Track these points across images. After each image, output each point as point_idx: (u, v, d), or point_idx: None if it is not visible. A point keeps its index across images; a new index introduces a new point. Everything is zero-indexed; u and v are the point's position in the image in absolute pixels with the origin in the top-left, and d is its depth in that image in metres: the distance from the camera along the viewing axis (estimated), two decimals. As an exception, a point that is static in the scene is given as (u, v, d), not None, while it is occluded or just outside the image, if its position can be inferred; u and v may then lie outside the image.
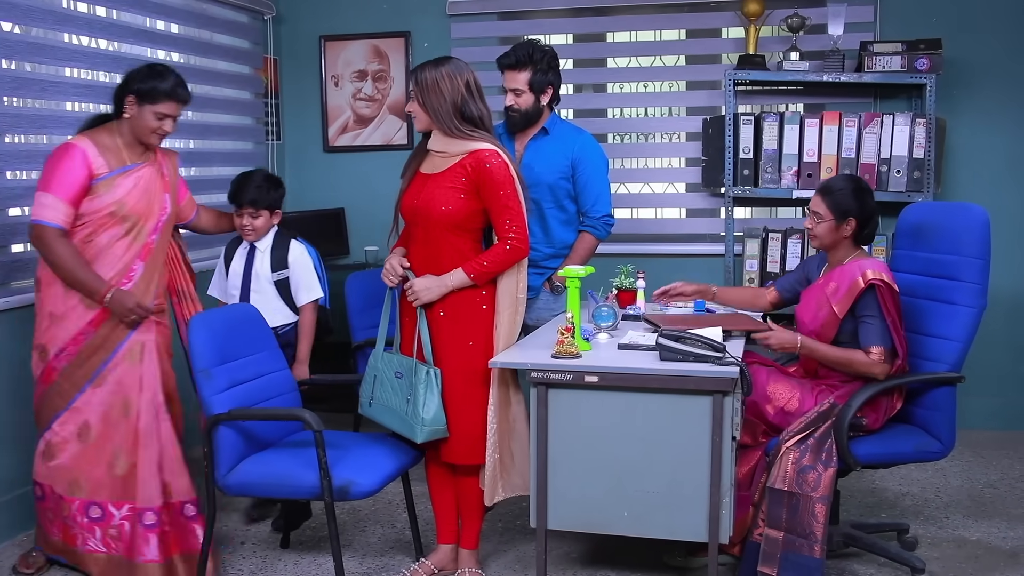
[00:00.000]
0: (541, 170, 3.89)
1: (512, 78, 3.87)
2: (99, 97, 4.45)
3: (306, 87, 5.89)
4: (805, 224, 3.53)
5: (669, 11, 5.47)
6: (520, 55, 3.85)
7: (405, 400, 3.32)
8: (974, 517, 4.08)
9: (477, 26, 5.64)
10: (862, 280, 3.29)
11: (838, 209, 3.41)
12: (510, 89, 3.89)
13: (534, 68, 3.85)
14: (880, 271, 3.31)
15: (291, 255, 3.98)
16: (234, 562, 3.72)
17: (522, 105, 3.89)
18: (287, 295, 3.99)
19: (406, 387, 3.32)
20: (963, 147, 5.18)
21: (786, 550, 3.17)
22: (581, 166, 3.96)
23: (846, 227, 3.42)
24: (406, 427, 3.32)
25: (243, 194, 3.93)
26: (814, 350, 3.38)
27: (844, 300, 3.33)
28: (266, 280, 3.96)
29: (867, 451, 3.31)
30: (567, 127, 4.07)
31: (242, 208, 3.93)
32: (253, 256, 3.98)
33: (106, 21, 4.48)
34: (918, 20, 5.14)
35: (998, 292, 4.82)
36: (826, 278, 3.48)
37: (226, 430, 3.23)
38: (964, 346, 3.35)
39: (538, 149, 3.96)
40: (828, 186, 3.49)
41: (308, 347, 4.01)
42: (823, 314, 3.39)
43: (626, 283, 3.98)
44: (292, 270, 3.98)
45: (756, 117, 4.99)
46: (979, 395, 5.12)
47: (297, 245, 4.03)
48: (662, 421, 3.07)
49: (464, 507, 3.50)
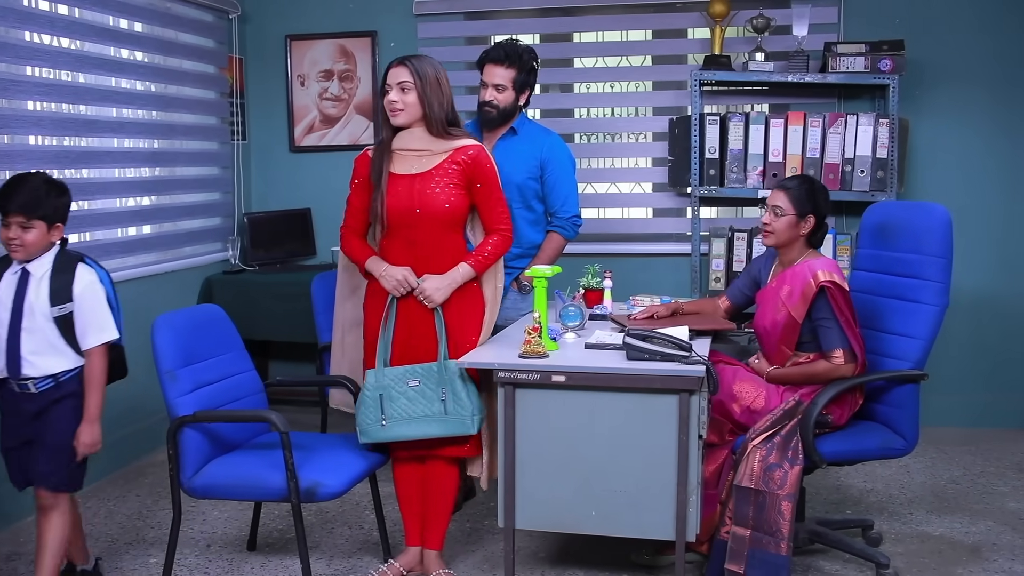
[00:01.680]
0: (510, 170, 3.86)
1: (497, 73, 3.87)
2: (61, 97, 4.41)
3: (272, 87, 5.86)
4: (762, 220, 3.50)
5: (635, 11, 5.48)
6: (509, 51, 3.87)
7: (440, 401, 3.30)
8: (937, 513, 4.12)
9: (444, 26, 5.63)
10: (814, 282, 3.31)
11: (800, 205, 3.42)
12: (492, 84, 3.88)
13: (520, 67, 3.87)
14: (830, 271, 3.32)
15: (77, 285, 3.10)
16: (200, 565, 3.70)
17: (502, 102, 3.89)
18: (70, 334, 3.11)
19: (434, 389, 3.30)
20: (926, 147, 5.23)
21: (753, 547, 3.18)
22: (550, 167, 3.98)
23: (805, 224, 3.44)
24: (451, 426, 3.31)
25: (11, 198, 3.04)
26: (781, 378, 3.43)
27: (800, 304, 3.34)
28: (43, 316, 3.06)
29: (832, 448, 3.34)
30: (535, 127, 4.08)
31: (8, 216, 3.03)
32: (26, 284, 3.07)
33: (68, 19, 4.43)
34: (881, 21, 5.19)
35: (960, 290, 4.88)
36: (778, 280, 3.47)
37: (191, 432, 3.20)
38: (927, 344, 3.38)
39: (507, 149, 3.95)
40: (788, 183, 3.52)
41: (99, 401, 3.17)
42: (781, 319, 3.40)
43: (593, 283, 3.98)
44: (78, 304, 3.10)
45: (722, 117, 5.01)
46: (942, 392, 5.18)
47: (85, 272, 3.15)
48: (629, 420, 3.08)
49: (434, 507, 3.48)
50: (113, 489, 4.51)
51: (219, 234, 5.65)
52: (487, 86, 3.90)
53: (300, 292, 4.69)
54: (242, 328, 3.82)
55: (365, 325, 3.47)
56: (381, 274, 3.34)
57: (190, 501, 4.08)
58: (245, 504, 4.10)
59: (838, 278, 3.31)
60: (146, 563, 3.71)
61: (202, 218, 5.53)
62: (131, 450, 4.84)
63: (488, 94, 3.90)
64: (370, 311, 3.44)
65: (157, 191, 5.12)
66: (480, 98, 3.93)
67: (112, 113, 4.79)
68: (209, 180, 5.59)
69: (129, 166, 4.93)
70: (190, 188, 5.40)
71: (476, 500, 4.26)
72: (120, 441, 4.75)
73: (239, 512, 4.15)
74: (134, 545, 3.88)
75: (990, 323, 5.28)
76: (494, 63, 3.88)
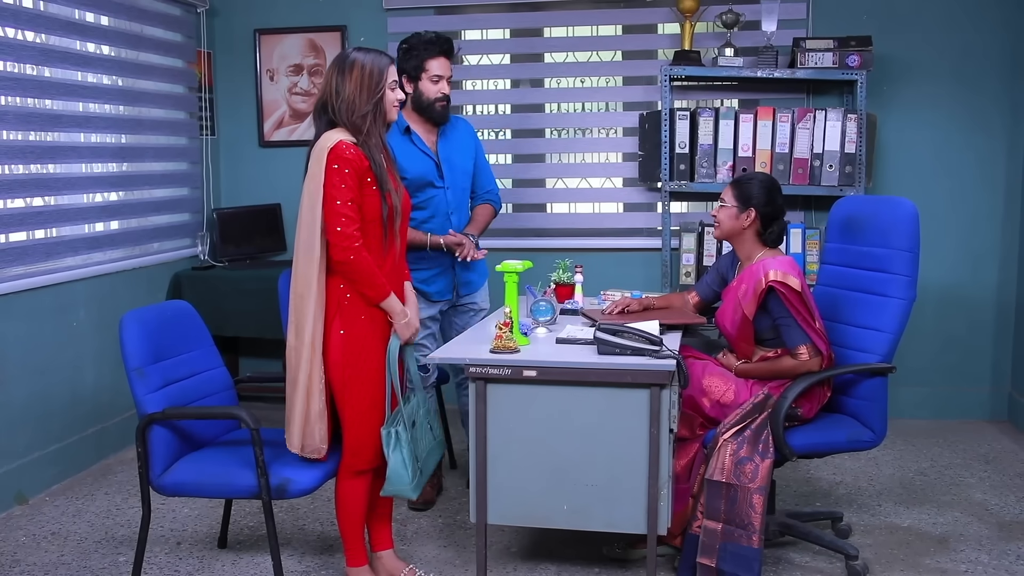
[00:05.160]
0: (460, 159, 4.07)
1: (448, 66, 3.95)
2: (26, 91, 4.36)
3: (241, 81, 5.82)
4: (711, 212, 3.60)
5: (605, 7, 5.50)
6: (451, 43, 3.96)
7: (430, 429, 3.33)
8: (905, 504, 4.16)
9: (414, 20, 5.60)
10: (764, 280, 3.33)
11: (741, 197, 3.48)
12: (446, 77, 3.94)
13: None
14: (782, 270, 3.33)
15: None
16: (171, 563, 3.67)
17: (449, 95, 4.00)
18: None
19: (423, 421, 3.30)
20: (893, 142, 5.28)
21: (725, 540, 3.20)
22: (479, 151, 4.23)
23: (745, 217, 3.47)
24: (440, 447, 3.39)
25: None
26: (748, 372, 3.47)
27: (752, 301, 3.37)
28: None
29: (802, 441, 3.36)
30: (455, 116, 4.22)
31: None
32: None
33: (32, 12, 4.37)
34: (849, 18, 5.24)
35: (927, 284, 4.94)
36: (739, 279, 3.52)
37: (160, 430, 3.17)
38: (895, 337, 3.41)
39: (450, 140, 4.09)
40: (739, 178, 3.60)
41: None
42: (738, 317, 3.44)
43: (564, 278, 3.99)
44: None
45: (692, 112, 5.03)
46: (910, 385, 5.24)
47: None
48: (600, 415, 3.09)
49: (382, 506, 3.43)
50: (82, 487, 4.47)
51: (188, 230, 5.60)
52: (441, 79, 3.94)
53: (270, 288, 4.65)
54: (211, 324, 3.80)
55: (367, 371, 3.16)
56: (405, 323, 3.16)
57: (160, 499, 4.07)
58: (215, 501, 4.08)
59: (791, 277, 3.32)
60: (115, 562, 3.68)
61: (171, 214, 5.48)
62: (100, 448, 4.80)
63: (444, 87, 3.95)
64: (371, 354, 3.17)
65: (125, 186, 5.07)
66: (434, 95, 3.94)
67: (79, 108, 4.73)
68: (178, 175, 5.54)
69: (96, 161, 4.89)
70: (158, 183, 5.35)
71: (448, 496, 4.25)
72: (88, 439, 4.71)
73: (209, 509, 4.13)
74: (103, 544, 3.85)
75: (957, 316, 5.34)
76: (446, 55, 3.94)
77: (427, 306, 4.04)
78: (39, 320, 4.39)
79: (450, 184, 4.05)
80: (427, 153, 4.00)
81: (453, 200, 4.06)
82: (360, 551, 3.32)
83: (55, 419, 4.49)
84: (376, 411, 3.17)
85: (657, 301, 3.82)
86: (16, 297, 4.24)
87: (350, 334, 3.12)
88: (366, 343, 3.14)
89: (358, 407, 3.15)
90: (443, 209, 4.03)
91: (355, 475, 3.23)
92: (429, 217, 4.01)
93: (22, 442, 4.29)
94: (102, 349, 4.77)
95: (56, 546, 3.82)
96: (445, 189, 4.03)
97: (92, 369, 4.72)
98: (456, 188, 4.07)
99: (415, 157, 3.95)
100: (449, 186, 4.04)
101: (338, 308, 3.12)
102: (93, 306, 4.74)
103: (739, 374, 3.47)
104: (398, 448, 3.11)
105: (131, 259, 5.09)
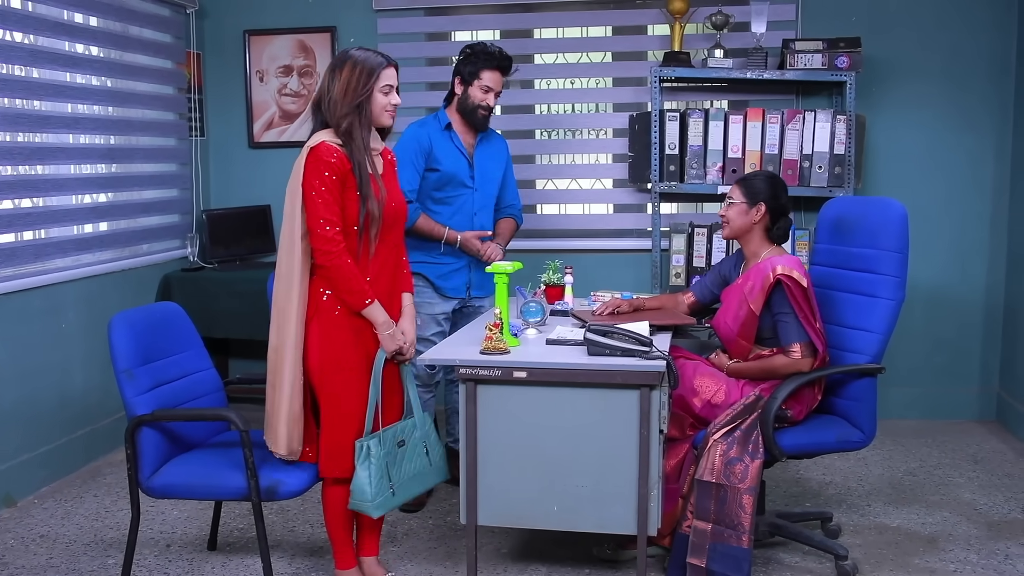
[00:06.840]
0: (493, 168, 4.27)
1: (500, 81, 4.14)
2: (14, 92, 4.35)
3: (230, 82, 5.81)
4: (719, 212, 3.59)
5: (595, 8, 5.50)
6: (510, 62, 4.16)
7: (424, 453, 3.28)
8: (894, 504, 4.17)
9: (404, 21, 5.60)
10: (772, 275, 3.34)
11: (750, 194, 3.49)
12: (496, 91, 4.14)
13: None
14: (790, 266, 3.35)
15: None
16: (160, 565, 3.66)
17: (492, 107, 4.19)
18: None
19: (418, 443, 3.26)
20: (882, 143, 5.30)
21: (714, 541, 3.21)
22: (509, 165, 4.38)
23: (756, 212, 3.48)
24: (438, 474, 3.34)
25: None
26: (739, 371, 3.47)
27: (759, 297, 3.38)
28: None
29: (792, 442, 3.37)
30: (493, 131, 4.39)
31: None
32: None
33: (20, 13, 4.36)
34: (838, 19, 5.25)
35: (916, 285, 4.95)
36: (744, 277, 3.52)
37: (150, 431, 3.17)
38: (884, 338, 3.42)
39: (486, 148, 4.26)
40: (745, 176, 3.63)
41: None
42: (743, 313, 3.43)
43: (554, 279, 3.99)
44: None
45: (681, 113, 5.04)
46: (899, 385, 5.25)
47: None
48: (590, 415, 3.09)
49: (368, 517, 3.32)
50: (71, 490, 4.45)
51: (177, 231, 5.59)
52: (490, 91, 4.11)
53: (259, 289, 4.64)
54: (201, 326, 3.79)
55: (344, 379, 3.12)
56: (389, 334, 3.11)
57: (149, 501, 4.05)
58: (205, 503, 4.07)
59: (798, 274, 3.34)
60: (105, 564, 3.67)
61: (160, 215, 5.47)
62: (89, 450, 4.78)
63: (490, 99, 4.13)
64: (350, 362, 3.13)
65: (114, 187, 5.06)
66: (479, 101, 4.12)
67: (67, 109, 4.72)
68: (167, 176, 5.53)
69: (85, 162, 4.87)
70: (147, 184, 5.34)
71: (438, 497, 4.25)
72: (77, 441, 4.70)
73: (199, 511, 4.12)
74: (92, 546, 3.84)
75: (945, 317, 5.36)
76: (502, 72, 4.14)
77: (442, 301, 4.20)
78: (28, 322, 4.37)
79: (479, 187, 4.22)
80: (463, 153, 4.18)
81: (479, 202, 4.22)
82: (348, 554, 3.31)
83: (44, 421, 4.48)
84: (353, 420, 3.13)
85: (648, 302, 3.83)
86: (5, 299, 4.23)
87: (328, 338, 3.10)
88: (345, 350, 3.11)
89: (333, 413, 3.13)
90: (468, 209, 4.20)
91: (335, 482, 3.21)
92: (454, 214, 4.17)
93: (11, 444, 4.28)
94: (91, 351, 4.75)
95: (45, 549, 3.81)
96: (474, 191, 4.20)
97: (81, 371, 4.71)
98: (484, 192, 4.25)
99: (451, 154, 4.15)
100: (478, 188, 4.21)
101: (316, 310, 3.10)
102: (82, 308, 4.72)
103: (731, 373, 3.47)
104: (366, 462, 3.07)
105: (120, 260, 5.07)
